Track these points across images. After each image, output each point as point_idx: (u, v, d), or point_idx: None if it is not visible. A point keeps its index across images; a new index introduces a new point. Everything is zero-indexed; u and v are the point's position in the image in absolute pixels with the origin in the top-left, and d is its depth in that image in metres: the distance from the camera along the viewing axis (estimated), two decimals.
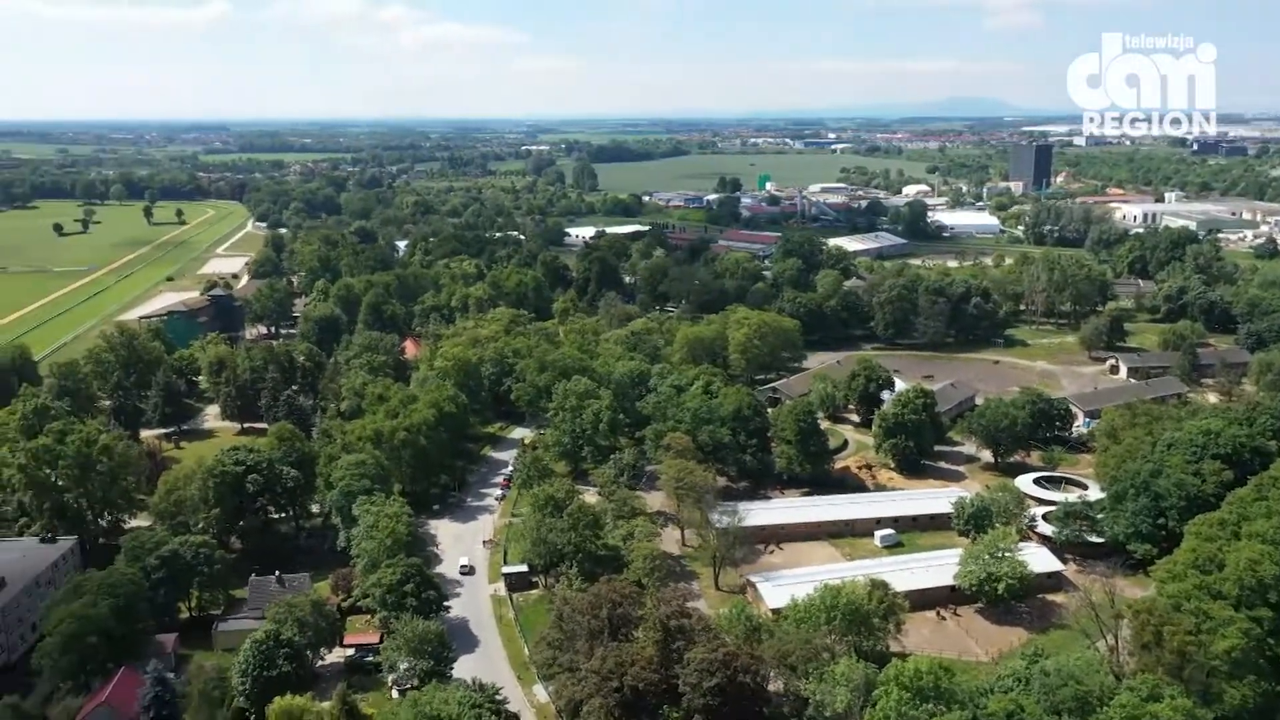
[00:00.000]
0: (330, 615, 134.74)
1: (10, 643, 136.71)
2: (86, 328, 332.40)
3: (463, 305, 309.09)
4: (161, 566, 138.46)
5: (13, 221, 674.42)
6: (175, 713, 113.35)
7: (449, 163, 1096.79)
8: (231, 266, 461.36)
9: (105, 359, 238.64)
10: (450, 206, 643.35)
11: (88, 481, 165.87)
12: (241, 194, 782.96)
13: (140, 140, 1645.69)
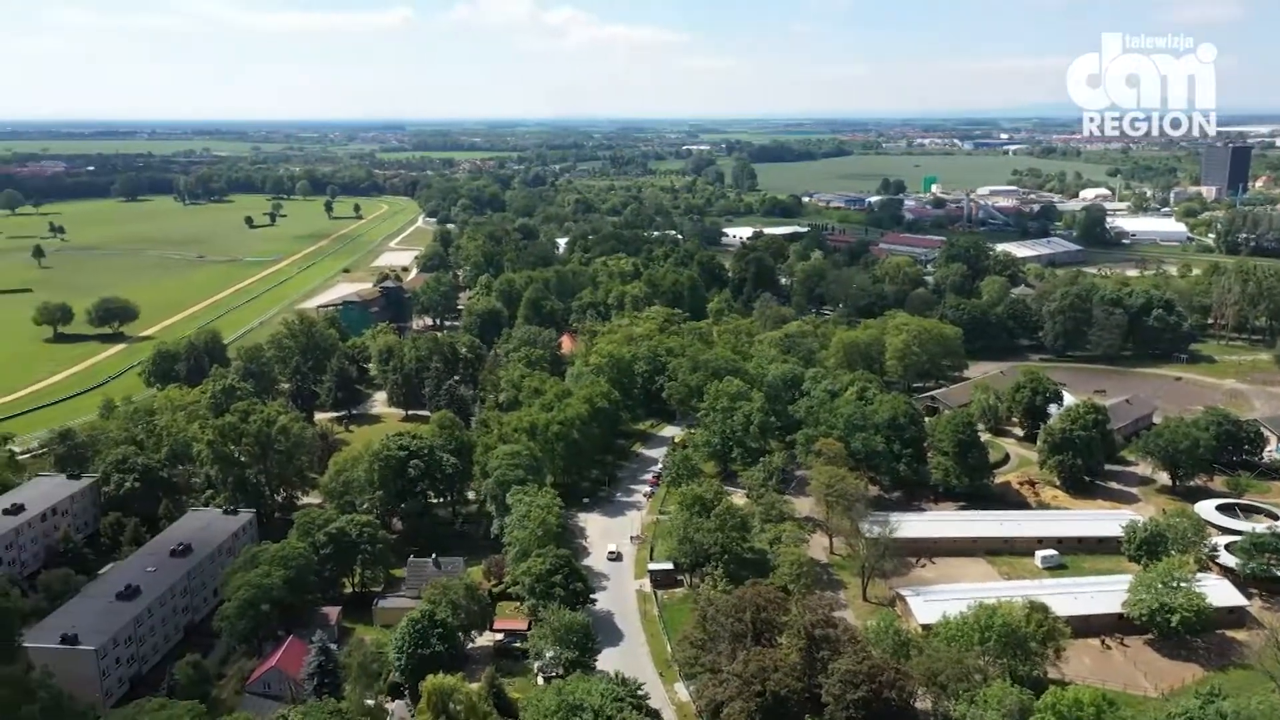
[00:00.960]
0: (482, 600, 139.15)
1: (195, 604, 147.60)
2: (270, 314, 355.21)
3: (619, 302, 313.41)
4: (329, 543, 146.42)
5: (211, 214, 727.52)
6: (336, 682, 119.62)
7: (610, 162, 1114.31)
8: (402, 260, 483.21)
9: (286, 345, 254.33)
10: (610, 205, 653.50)
11: (267, 459, 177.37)
12: (414, 190, 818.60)
13: (325, 139, 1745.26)
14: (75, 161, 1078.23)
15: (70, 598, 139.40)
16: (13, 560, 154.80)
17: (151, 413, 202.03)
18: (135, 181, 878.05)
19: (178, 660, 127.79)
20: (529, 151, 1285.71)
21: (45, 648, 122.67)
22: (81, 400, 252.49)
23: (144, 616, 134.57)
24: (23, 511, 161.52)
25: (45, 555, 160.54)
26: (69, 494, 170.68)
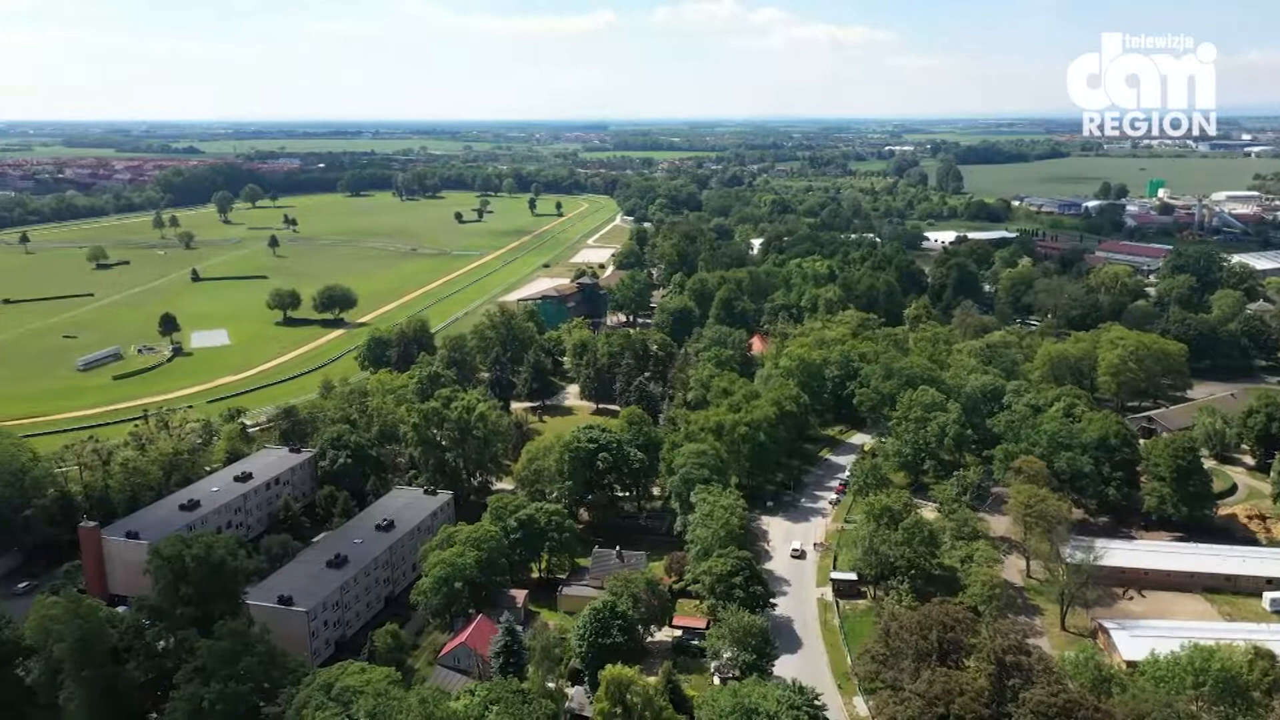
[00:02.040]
0: (662, 595, 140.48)
1: (395, 577, 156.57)
2: (474, 306, 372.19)
3: (812, 305, 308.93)
4: (519, 528, 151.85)
5: (425, 209, 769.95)
6: (521, 662, 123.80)
7: (809, 162, 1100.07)
8: (599, 257, 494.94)
9: (487, 335, 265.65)
10: (807, 206, 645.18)
11: (465, 444, 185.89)
12: (613, 189, 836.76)
13: (531, 138, 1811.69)
14: (308, 159, 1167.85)
15: (287, 562, 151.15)
16: (240, 524, 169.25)
17: (364, 394, 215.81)
18: (359, 178, 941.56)
19: (378, 628, 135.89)
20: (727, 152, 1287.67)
21: (264, 606, 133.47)
22: (304, 380, 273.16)
23: (350, 584, 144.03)
24: (250, 480, 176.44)
25: (268, 521, 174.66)
26: (290, 466, 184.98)
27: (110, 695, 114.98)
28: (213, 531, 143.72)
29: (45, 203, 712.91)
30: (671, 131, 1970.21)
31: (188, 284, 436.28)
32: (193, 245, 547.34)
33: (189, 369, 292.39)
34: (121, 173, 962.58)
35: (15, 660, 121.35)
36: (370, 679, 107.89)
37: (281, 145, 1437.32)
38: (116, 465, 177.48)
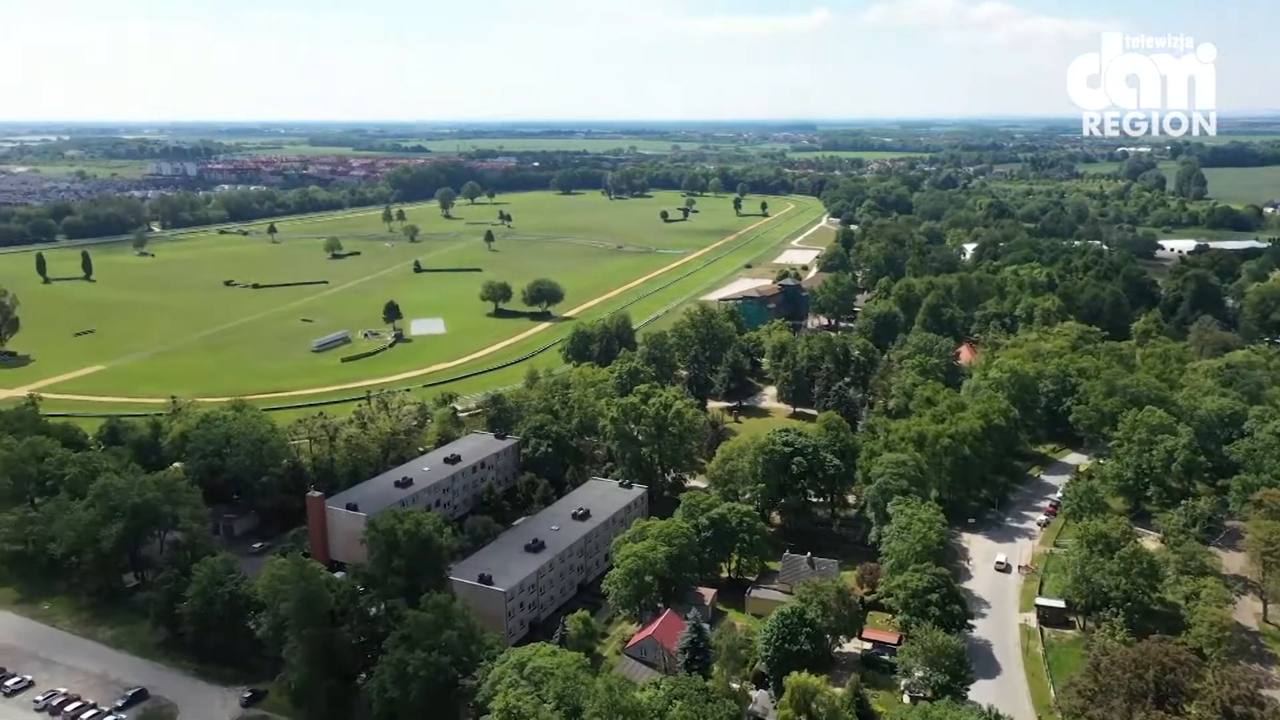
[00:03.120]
0: (853, 606, 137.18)
1: (588, 565, 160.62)
2: (675, 304, 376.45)
3: (1027, 315, 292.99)
4: (711, 527, 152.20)
5: (632, 208, 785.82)
6: (706, 661, 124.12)
7: (1031, 164, 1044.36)
8: (802, 258, 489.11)
9: (687, 334, 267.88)
10: (1026, 210, 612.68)
11: (661, 440, 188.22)
12: (820, 190, 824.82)
13: (738, 138, 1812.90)
14: (524, 158, 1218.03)
15: (488, 543, 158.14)
16: (448, 504, 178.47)
17: (567, 386, 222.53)
18: (570, 176, 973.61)
19: (570, 614, 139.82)
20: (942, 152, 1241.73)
21: (466, 583, 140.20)
22: (512, 370, 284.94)
23: (546, 569, 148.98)
24: (459, 462, 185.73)
25: (472, 503, 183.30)
26: (495, 451, 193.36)
27: (327, 653, 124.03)
28: (423, 509, 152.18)
29: (291, 196, 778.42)
30: (883, 131, 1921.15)
31: (410, 275, 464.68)
32: (416, 238, 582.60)
33: (408, 354, 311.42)
34: (357, 170, 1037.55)
35: (248, 613, 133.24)
36: (561, 662, 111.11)
37: (500, 144, 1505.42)
38: (341, 441, 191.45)
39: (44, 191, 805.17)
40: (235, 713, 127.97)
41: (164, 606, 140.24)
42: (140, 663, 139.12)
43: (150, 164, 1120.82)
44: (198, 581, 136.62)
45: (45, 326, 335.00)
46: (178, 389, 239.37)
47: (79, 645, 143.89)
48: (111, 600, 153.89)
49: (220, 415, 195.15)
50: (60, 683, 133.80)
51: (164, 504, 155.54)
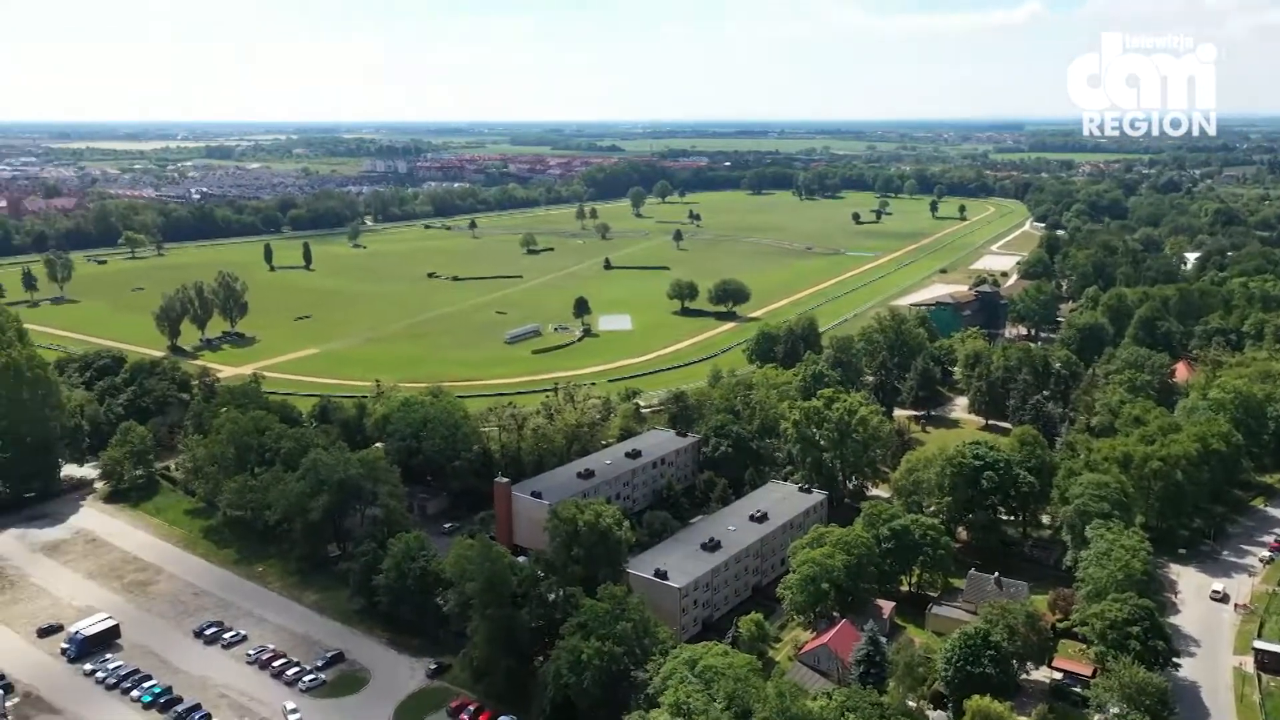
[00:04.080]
0: (1043, 632, 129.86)
1: (764, 568, 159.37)
2: (864, 308, 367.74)
3: (1256, 331, 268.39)
4: (892, 538, 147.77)
5: (822, 209, 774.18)
6: (882, 675, 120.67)
7: (1269, 166, 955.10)
8: (1002, 264, 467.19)
9: (875, 339, 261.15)
10: (1260, 217, 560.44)
11: (844, 446, 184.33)
12: (1024, 193, 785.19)
13: (937, 138, 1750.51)
14: (716, 157, 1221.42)
15: (665, 538, 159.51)
16: (627, 497, 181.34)
17: (749, 387, 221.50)
18: (761, 176, 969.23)
19: (743, 615, 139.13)
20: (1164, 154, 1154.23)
21: (642, 576, 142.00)
22: (695, 368, 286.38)
23: (721, 569, 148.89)
24: (640, 457, 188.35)
25: (651, 498, 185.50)
26: (676, 448, 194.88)
27: (507, 634, 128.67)
28: (603, 501, 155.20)
29: (491, 194, 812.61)
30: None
31: (600, 271, 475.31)
32: (607, 236, 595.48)
33: (595, 349, 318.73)
34: (554, 168, 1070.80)
35: (436, 589, 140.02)
36: (732, 663, 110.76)
37: (692, 144, 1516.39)
38: (529, 430, 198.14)
39: (273, 186, 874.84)
40: (421, 682, 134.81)
41: (362, 577, 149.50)
42: (339, 627, 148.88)
43: (366, 161, 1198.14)
44: (392, 556, 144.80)
45: (270, 311, 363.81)
46: (382, 373, 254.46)
47: (287, 606, 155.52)
48: (316, 567, 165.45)
49: (419, 400, 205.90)
50: (269, 639, 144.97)
51: (366, 481, 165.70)
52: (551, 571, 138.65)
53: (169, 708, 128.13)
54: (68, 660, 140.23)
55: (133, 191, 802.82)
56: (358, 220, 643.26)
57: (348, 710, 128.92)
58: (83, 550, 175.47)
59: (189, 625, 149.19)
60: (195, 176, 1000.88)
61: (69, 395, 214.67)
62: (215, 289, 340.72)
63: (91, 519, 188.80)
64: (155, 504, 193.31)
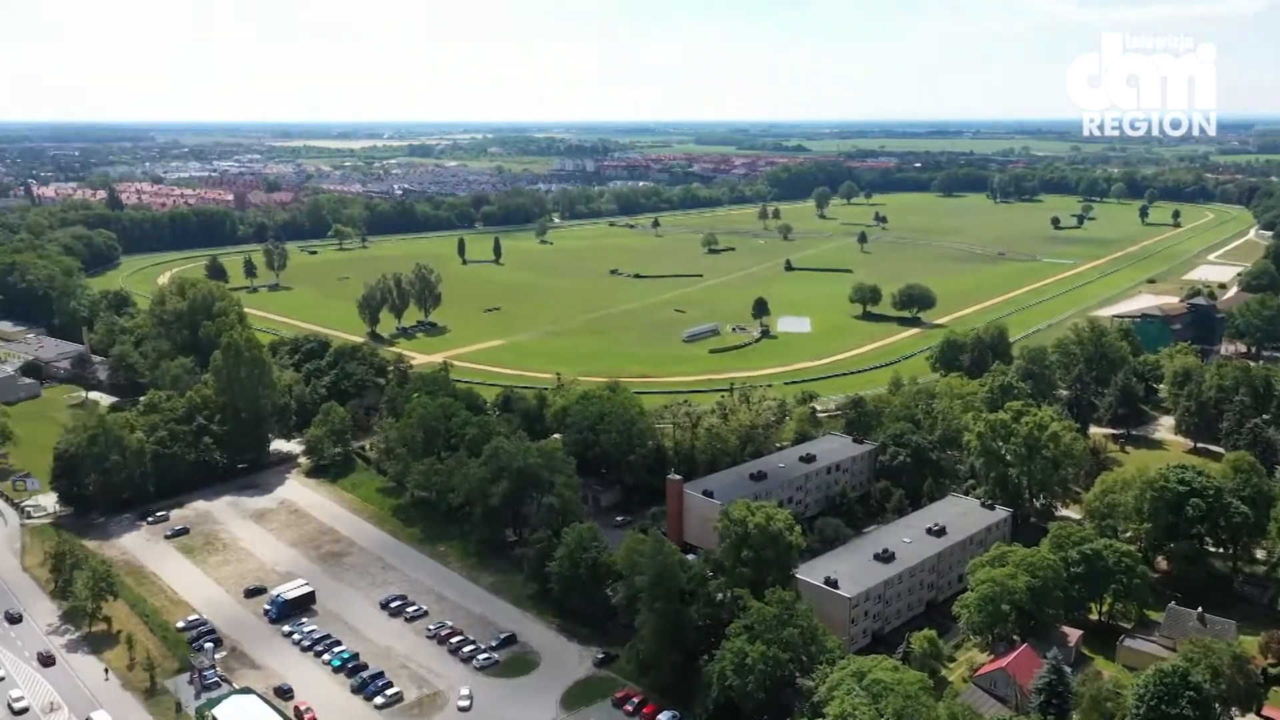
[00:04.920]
0: (1252, 676, 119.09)
1: (939, 584, 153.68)
2: (1060, 318, 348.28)
3: None
4: (1082, 563, 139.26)
5: (1018, 213, 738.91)
6: (1065, 707, 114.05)
7: None
8: (1219, 275, 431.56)
9: (1071, 351, 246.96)
10: None
11: (1031, 462, 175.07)
12: (1250, 198, 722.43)
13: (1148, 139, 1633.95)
14: (905, 158, 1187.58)
15: (837, 546, 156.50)
16: (799, 501, 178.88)
17: (932, 396, 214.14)
18: (953, 178, 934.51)
19: (915, 631, 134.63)
20: None
21: (811, 583, 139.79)
22: (875, 374, 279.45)
23: (894, 581, 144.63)
24: (813, 462, 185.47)
25: (824, 504, 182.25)
26: (851, 455, 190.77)
27: (674, 629, 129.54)
28: (775, 504, 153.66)
29: (674, 193, 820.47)
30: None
31: (780, 273, 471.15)
32: (789, 237, 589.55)
33: (773, 350, 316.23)
34: (738, 168, 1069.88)
35: (606, 580, 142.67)
36: (902, 679, 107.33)
37: (881, 144, 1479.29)
38: (702, 429, 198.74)
39: (468, 183, 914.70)
40: (588, 670, 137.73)
41: (536, 563, 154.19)
42: (513, 610, 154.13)
43: (555, 160, 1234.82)
44: (566, 545, 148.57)
45: (461, 302, 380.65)
46: (562, 366, 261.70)
47: (465, 587, 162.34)
48: (494, 551, 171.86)
49: (597, 394, 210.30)
50: (448, 616, 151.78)
51: (544, 470, 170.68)
52: (720, 571, 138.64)
53: (355, 673, 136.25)
54: (269, 620, 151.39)
55: (342, 187, 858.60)
56: (545, 217, 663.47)
57: (518, 690, 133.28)
58: (286, 520, 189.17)
59: (376, 596, 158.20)
60: (398, 173, 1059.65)
61: (279, 375, 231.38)
62: (412, 280, 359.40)
63: (295, 491, 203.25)
64: (351, 480, 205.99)
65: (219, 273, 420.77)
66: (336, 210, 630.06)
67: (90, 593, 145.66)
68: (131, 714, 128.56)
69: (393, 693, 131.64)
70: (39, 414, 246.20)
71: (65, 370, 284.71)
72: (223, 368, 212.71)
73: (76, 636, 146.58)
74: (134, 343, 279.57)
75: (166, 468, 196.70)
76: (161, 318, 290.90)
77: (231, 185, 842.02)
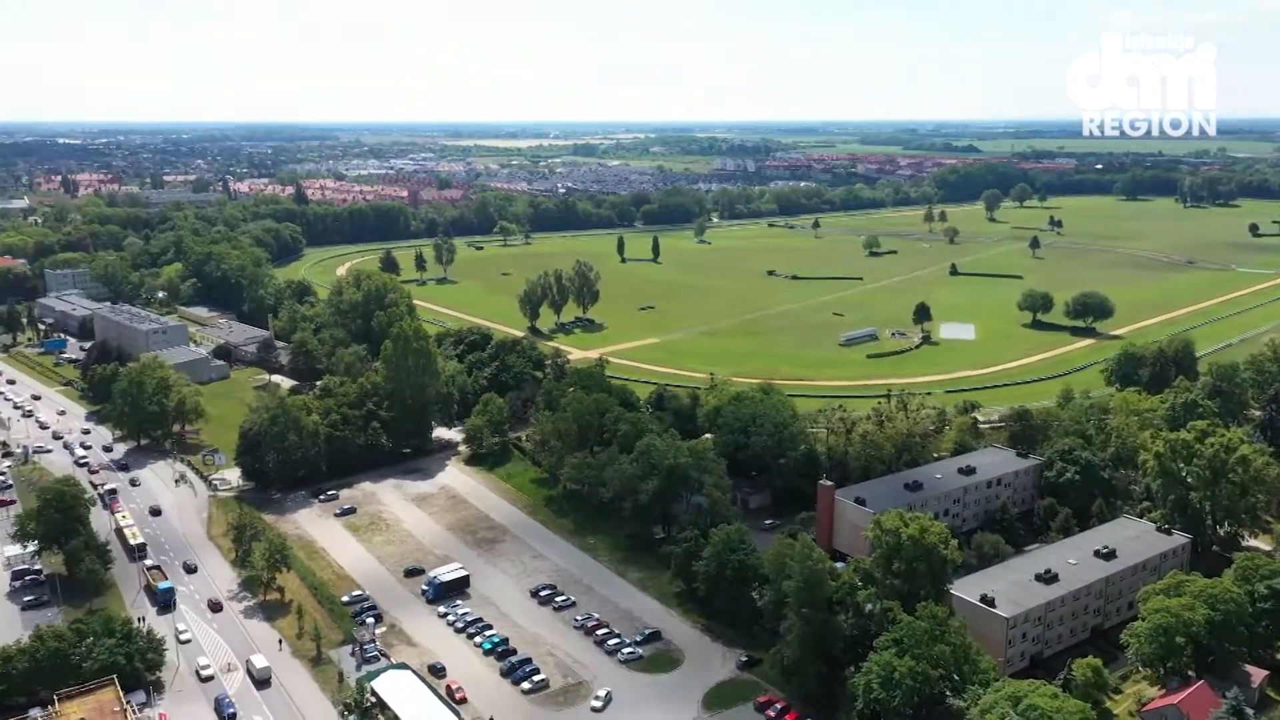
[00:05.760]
0: None
1: (1107, 610, 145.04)
2: (1256, 333, 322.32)
3: None
4: (1271, 598, 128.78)
5: (1210, 218, 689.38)
6: None
7: None
8: None
9: (1267, 369, 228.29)
10: None
11: (1216, 487, 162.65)
12: None
13: None
14: (1085, 159, 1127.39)
15: (995, 564, 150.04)
16: (956, 515, 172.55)
17: (1105, 411, 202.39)
18: (1137, 180, 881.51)
19: (1078, 658, 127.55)
20: None
21: (966, 600, 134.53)
22: (1043, 386, 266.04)
23: (1057, 604, 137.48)
24: (973, 474, 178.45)
25: (983, 519, 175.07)
26: (1014, 469, 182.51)
27: (820, 637, 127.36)
28: (930, 516, 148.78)
29: (836, 193, 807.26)
30: None
31: (944, 277, 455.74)
32: (956, 240, 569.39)
33: (933, 357, 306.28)
34: (904, 169, 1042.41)
35: (753, 583, 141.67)
36: (1062, 707, 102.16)
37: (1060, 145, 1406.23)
38: (857, 435, 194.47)
39: (629, 182, 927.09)
40: (731, 672, 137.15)
41: (683, 561, 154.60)
42: (658, 607, 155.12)
43: (717, 160, 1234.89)
44: (713, 545, 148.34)
45: (618, 300, 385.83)
46: (715, 366, 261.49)
47: (612, 581, 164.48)
48: (642, 547, 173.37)
49: (750, 395, 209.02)
50: (595, 609, 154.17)
51: (694, 469, 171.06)
52: (870, 581, 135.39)
53: (504, 657, 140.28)
54: (425, 601, 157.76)
55: (509, 185, 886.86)
56: (704, 216, 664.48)
57: (661, 688, 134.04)
58: (444, 505, 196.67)
59: (526, 585, 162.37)
60: (562, 172, 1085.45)
61: (443, 365, 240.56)
62: (572, 277, 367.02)
63: (454, 477, 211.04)
64: (507, 470, 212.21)
65: (392, 266, 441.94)
66: (502, 207, 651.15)
67: (266, 563, 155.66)
68: (299, 679, 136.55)
69: (539, 679, 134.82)
70: (227, 394, 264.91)
71: (251, 354, 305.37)
72: (392, 356, 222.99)
73: (253, 603, 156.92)
74: (313, 330, 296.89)
75: (338, 449, 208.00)
76: (338, 307, 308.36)
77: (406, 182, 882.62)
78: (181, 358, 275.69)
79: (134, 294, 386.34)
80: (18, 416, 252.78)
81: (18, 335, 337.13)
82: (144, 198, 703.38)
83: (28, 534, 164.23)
